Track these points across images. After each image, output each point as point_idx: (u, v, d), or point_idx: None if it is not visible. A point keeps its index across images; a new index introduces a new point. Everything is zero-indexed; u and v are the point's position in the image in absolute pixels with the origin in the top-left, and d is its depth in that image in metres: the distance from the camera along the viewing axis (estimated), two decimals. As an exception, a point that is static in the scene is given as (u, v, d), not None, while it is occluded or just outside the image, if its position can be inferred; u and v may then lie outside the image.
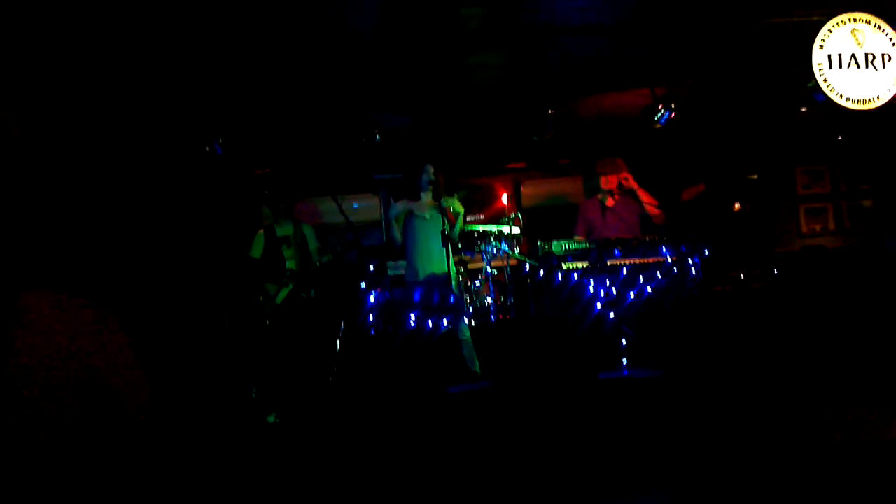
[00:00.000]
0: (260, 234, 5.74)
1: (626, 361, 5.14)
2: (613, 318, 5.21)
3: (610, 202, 6.06)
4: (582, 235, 6.01)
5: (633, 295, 5.24)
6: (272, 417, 5.14)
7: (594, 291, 5.26)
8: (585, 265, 5.40)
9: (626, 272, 5.32)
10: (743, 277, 5.16)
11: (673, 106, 6.21)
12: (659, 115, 6.23)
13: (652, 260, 5.41)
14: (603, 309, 5.21)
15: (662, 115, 6.22)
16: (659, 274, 5.31)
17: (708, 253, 5.31)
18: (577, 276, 5.34)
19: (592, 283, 5.30)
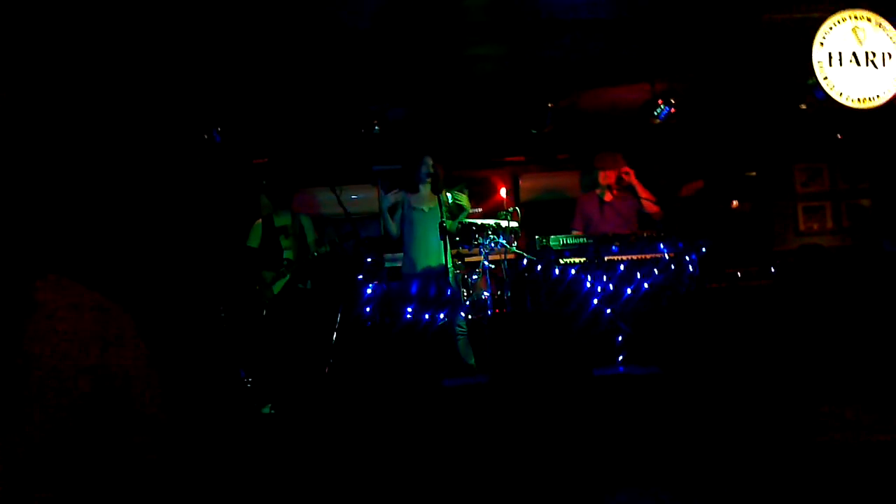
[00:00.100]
0: (258, 223, 5.72)
1: (621, 358, 5.15)
2: (610, 314, 5.21)
3: (608, 197, 6.06)
4: (579, 230, 6.01)
5: (629, 291, 5.24)
6: (267, 408, 5.14)
7: (591, 287, 5.27)
8: (583, 260, 5.40)
9: (623, 268, 5.32)
10: (740, 275, 5.16)
11: (672, 101, 6.19)
12: (658, 110, 6.21)
13: (649, 256, 5.41)
14: (599, 305, 5.21)
15: (662, 110, 6.20)
16: (656, 270, 5.31)
17: (705, 250, 5.30)
18: (574, 271, 5.34)
19: (589, 278, 5.30)
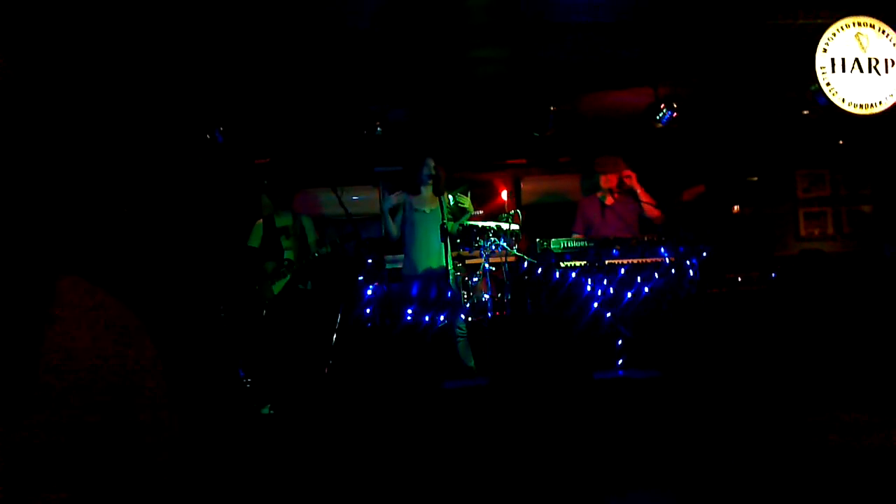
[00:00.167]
0: (259, 223, 5.72)
1: (621, 362, 5.15)
2: (610, 317, 5.21)
3: (609, 201, 6.05)
4: (580, 233, 6.00)
5: (630, 295, 5.23)
6: (266, 409, 5.14)
7: (592, 290, 5.26)
8: (584, 264, 5.40)
9: (623, 272, 5.32)
10: (740, 280, 5.16)
11: (675, 106, 6.20)
12: (661, 114, 6.22)
13: (650, 260, 5.40)
14: (600, 308, 5.21)
15: (664, 114, 6.20)
16: (657, 274, 5.31)
17: (706, 254, 5.30)
18: (574, 274, 5.33)
19: (590, 281, 5.30)
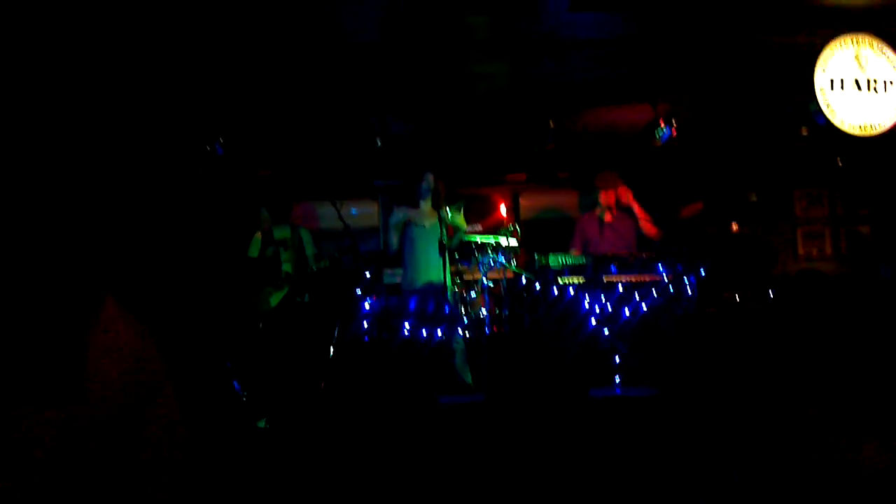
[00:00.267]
0: (257, 236, 5.72)
1: (619, 379, 5.13)
2: (608, 334, 5.20)
3: (608, 217, 6.06)
4: (578, 250, 6.00)
5: (628, 312, 5.23)
6: (262, 422, 5.11)
7: (589, 307, 5.26)
8: (581, 280, 5.39)
9: (621, 289, 5.32)
10: (738, 299, 5.16)
11: (674, 123, 6.21)
12: (660, 133, 6.22)
13: (648, 278, 5.40)
14: (597, 325, 5.21)
15: (663, 133, 6.21)
16: (654, 292, 5.31)
17: (704, 272, 5.30)
18: (572, 290, 5.33)
19: (588, 298, 5.30)
